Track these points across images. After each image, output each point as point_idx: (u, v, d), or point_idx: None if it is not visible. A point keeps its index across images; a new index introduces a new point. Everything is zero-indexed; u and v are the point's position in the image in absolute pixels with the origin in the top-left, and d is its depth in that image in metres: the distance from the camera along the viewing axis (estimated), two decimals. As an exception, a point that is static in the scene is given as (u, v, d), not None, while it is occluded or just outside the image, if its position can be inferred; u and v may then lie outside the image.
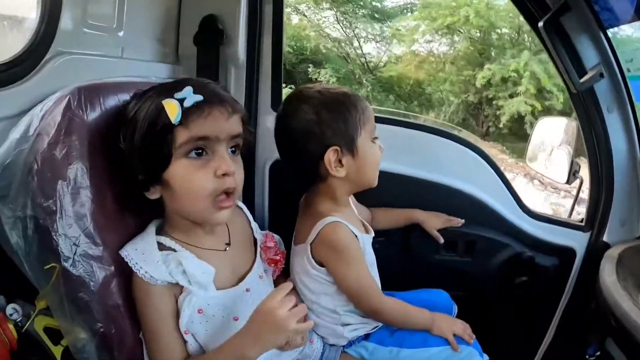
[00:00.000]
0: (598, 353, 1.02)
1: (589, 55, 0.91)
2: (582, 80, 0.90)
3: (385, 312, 0.78)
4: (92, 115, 0.60)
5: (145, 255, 0.59)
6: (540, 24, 0.88)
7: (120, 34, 0.88)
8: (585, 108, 0.94)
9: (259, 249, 0.73)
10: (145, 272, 0.58)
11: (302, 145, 0.73)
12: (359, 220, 0.84)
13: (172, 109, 0.55)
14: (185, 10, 1.00)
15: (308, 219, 0.77)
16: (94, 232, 0.57)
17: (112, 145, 0.60)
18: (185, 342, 0.61)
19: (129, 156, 0.58)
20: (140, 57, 0.94)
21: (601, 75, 0.91)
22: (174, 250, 0.62)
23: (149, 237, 0.62)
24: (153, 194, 0.60)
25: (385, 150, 0.79)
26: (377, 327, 0.82)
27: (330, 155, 0.72)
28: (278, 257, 0.74)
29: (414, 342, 0.80)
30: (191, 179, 0.57)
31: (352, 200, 0.85)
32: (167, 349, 0.60)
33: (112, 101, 0.64)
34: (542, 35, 0.89)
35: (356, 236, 0.76)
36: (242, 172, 0.64)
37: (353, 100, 0.74)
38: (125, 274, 0.60)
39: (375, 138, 0.77)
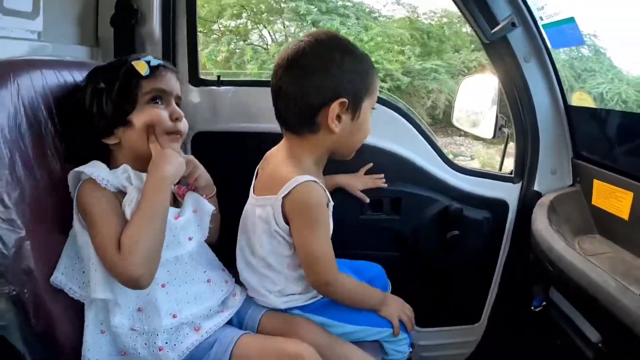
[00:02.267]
0: (544, 303, 1.03)
1: (501, 6, 0.92)
2: (493, 30, 0.91)
3: (338, 287, 0.73)
4: (2, 90, 0.63)
5: (96, 168, 0.68)
6: (448, -22, 0.89)
7: (38, 18, 0.88)
8: (501, 59, 0.95)
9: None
10: (98, 175, 0.67)
11: (312, 83, 0.68)
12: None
13: (142, 66, 0.72)
14: (102, -7, 1.01)
15: (282, 170, 0.72)
16: (4, 197, 0.59)
17: (27, 114, 0.65)
18: None
19: (100, 105, 0.70)
20: (58, 41, 0.94)
21: (513, 24, 0.92)
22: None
23: (97, 162, 0.71)
24: (113, 139, 0.71)
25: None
26: (314, 299, 0.78)
27: (336, 106, 0.68)
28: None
29: (355, 318, 0.77)
30: (154, 113, 0.71)
31: None
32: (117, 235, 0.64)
33: (24, 77, 0.67)
34: (450, -11, 0.90)
35: (327, 202, 0.72)
36: (186, 121, 0.77)
37: (370, 65, 0.73)
38: (37, 238, 0.62)
39: (373, 109, 0.75)
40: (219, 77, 0.96)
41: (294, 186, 0.68)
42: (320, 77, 0.68)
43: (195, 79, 0.97)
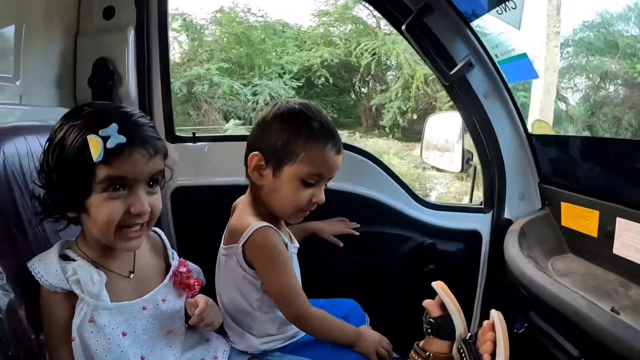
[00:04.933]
0: (525, 325, 1.06)
1: (457, 49, 0.98)
2: (452, 72, 0.96)
3: (310, 319, 0.78)
4: None
5: (47, 265, 0.63)
6: (403, 27, 0.95)
7: (18, 82, 0.92)
8: (461, 97, 1.00)
9: (169, 274, 0.74)
10: (46, 281, 0.62)
11: (250, 139, 0.79)
12: (287, 230, 0.86)
13: (96, 147, 0.58)
14: (79, 55, 1.05)
15: (241, 220, 0.79)
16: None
17: (16, 181, 0.67)
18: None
19: (54, 181, 0.62)
20: (39, 103, 0.97)
21: (471, 64, 0.98)
22: (73, 260, 0.65)
23: (53, 250, 0.66)
24: (71, 214, 0.65)
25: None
26: (292, 340, 0.82)
27: (252, 157, 0.76)
28: (192, 282, 0.74)
29: (333, 356, 0.80)
30: (105, 210, 0.61)
31: None
32: (60, 357, 0.63)
33: (9, 144, 0.69)
34: (406, 37, 0.95)
35: (285, 244, 0.78)
36: (160, 201, 0.67)
37: (303, 140, 0.75)
38: (28, 297, 0.63)
39: (311, 185, 0.76)
40: (194, 133, 1.01)
41: (250, 233, 0.75)
42: (253, 134, 0.79)
43: (172, 136, 1.01)
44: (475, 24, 1.00)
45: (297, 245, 0.85)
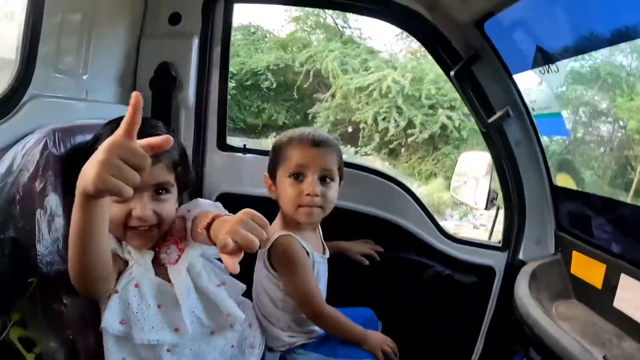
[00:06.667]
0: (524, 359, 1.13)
1: (497, 98, 1.04)
2: (490, 120, 1.03)
3: (325, 317, 0.90)
4: (65, 153, 0.71)
5: None
6: (452, 72, 1.01)
7: (85, 77, 0.97)
8: (495, 144, 1.06)
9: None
10: None
11: None
12: (319, 240, 0.96)
13: None
14: (142, 57, 1.10)
15: (271, 228, 0.88)
16: (65, 253, 0.64)
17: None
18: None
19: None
20: (102, 99, 1.03)
21: (508, 115, 1.04)
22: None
23: None
24: None
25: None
26: (313, 338, 0.93)
27: (265, 180, 0.93)
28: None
29: (346, 353, 0.91)
30: (111, 212, 0.65)
31: None
32: None
33: (81, 140, 0.75)
34: (454, 82, 1.02)
35: (307, 252, 0.88)
36: (170, 208, 0.71)
37: (286, 141, 0.91)
38: None
39: (299, 178, 0.88)
40: (244, 145, 1.07)
41: (273, 240, 0.86)
42: None
43: (223, 145, 1.08)
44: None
45: (327, 255, 0.95)
